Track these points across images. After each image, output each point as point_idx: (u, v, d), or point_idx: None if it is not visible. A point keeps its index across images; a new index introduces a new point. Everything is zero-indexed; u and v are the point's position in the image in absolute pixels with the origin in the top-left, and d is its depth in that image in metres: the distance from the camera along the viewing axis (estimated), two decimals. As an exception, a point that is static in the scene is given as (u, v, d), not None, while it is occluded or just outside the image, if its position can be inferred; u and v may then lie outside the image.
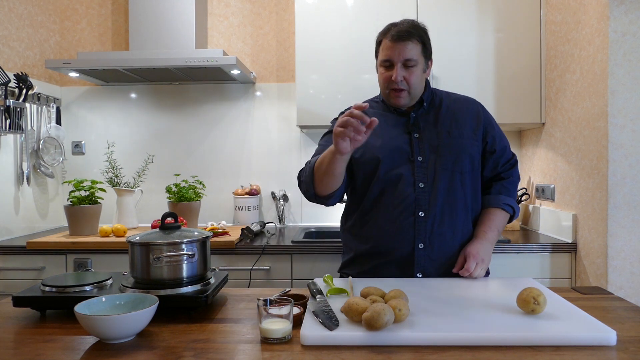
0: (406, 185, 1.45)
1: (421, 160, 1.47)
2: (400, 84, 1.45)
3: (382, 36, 1.49)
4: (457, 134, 1.50)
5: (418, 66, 1.46)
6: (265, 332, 0.97)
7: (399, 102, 1.49)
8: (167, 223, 1.26)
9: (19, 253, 2.22)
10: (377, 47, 1.53)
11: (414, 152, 1.47)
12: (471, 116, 1.55)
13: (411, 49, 1.43)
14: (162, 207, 2.80)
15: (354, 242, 1.55)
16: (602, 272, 1.88)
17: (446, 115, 1.53)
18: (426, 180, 1.45)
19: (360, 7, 2.41)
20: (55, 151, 2.65)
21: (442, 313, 1.06)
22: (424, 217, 1.44)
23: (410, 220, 1.44)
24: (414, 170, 1.46)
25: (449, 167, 1.46)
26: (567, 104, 2.17)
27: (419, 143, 1.49)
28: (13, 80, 2.35)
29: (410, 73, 1.45)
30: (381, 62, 1.48)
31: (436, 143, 1.48)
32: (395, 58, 1.44)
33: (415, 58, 1.44)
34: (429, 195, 1.44)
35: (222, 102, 2.83)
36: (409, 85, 1.46)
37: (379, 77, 1.52)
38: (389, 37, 1.44)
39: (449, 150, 1.47)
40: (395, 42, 1.43)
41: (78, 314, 0.97)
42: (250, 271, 2.17)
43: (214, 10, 2.81)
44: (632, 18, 1.81)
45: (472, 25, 2.40)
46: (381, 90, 1.55)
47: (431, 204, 1.44)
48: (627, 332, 1.00)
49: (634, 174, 1.83)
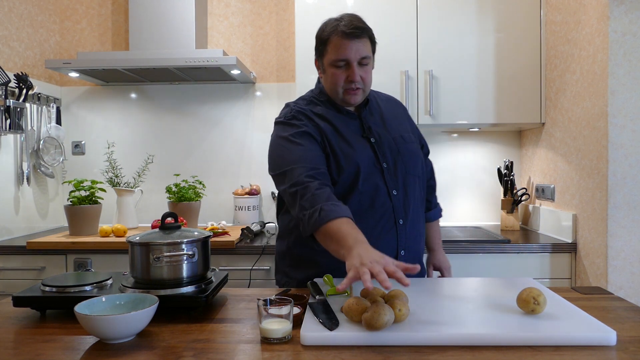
0: (382, 194, 1.39)
1: (386, 167, 1.42)
2: (358, 84, 1.37)
3: (330, 33, 1.36)
4: (408, 138, 1.49)
5: (370, 63, 1.41)
6: (265, 332, 0.97)
7: (354, 100, 1.41)
8: (167, 223, 1.26)
9: (19, 253, 2.22)
10: (322, 46, 1.40)
11: (379, 158, 1.42)
12: (405, 119, 1.57)
13: (365, 46, 1.36)
14: (162, 207, 2.80)
15: (327, 257, 1.26)
16: (602, 272, 1.88)
17: (388, 118, 1.51)
18: (397, 187, 1.42)
19: (360, 7, 2.41)
20: (55, 151, 2.65)
21: (442, 313, 1.06)
22: (403, 224, 1.41)
23: (393, 230, 1.40)
24: (384, 177, 1.40)
25: (410, 171, 1.45)
26: (567, 104, 2.17)
27: (379, 148, 1.43)
28: (13, 80, 2.35)
29: (365, 71, 1.39)
30: (334, 61, 1.36)
31: (395, 148, 1.44)
32: (352, 57, 1.34)
33: (370, 55, 1.39)
34: (402, 202, 1.42)
35: (222, 102, 2.83)
36: (365, 83, 1.39)
37: (327, 77, 1.41)
38: (341, 35, 1.34)
39: (408, 156, 1.45)
40: (350, 40, 1.33)
41: (78, 314, 0.97)
42: (250, 271, 2.17)
43: (214, 10, 2.82)
44: (632, 18, 1.81)
45: (472, 25, 2.40)
46: (330, 90, 1.42)
47: (406, 210, 1.42)
48: (627, 332, 1.00)
49: (634, 174, 1.83)
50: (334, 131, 1.41)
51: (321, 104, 1.47)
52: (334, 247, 1.18)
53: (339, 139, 1.40)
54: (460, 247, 2.12)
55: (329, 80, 1.41)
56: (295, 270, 1.47)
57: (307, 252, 1.42)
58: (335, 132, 1.41)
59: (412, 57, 2.41)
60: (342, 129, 1.42)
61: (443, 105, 2.41)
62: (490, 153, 2.78)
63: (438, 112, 2.41)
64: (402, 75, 2.40)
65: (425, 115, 2.40)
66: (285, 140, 1.38)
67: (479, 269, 2.13)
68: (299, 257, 1.46)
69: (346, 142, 1.40)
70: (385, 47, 2.40)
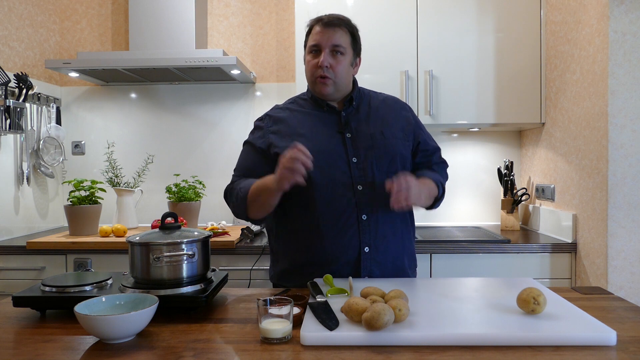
0: (346, 189, 1.40)
1: (356, 162, 1.42)
2: (325, 71, 1.41)
3: (311, 24, 1.46)
4: (389, 134, 1.47)
5: (346, 56, 1.43)
6: (265, 332, 0.97)
7: (324, 91, 1.44)
8: (167, 223, 1.26)
9: (19, 253, 2.22)
10: (306, 37, 1.48)
11: (348, 152, 1.42)
12: (401, 117, 1.55)
13: (341, 36, 1.42)
14: (162, 207, 2.80)
15: (290, 252, 1.46)
16: (602, 272, 1.88)
17: (376, 115, 1.51)
18: (364, 182, 1.41)
19: (360, 7, 2.41)
20: (55, 151, 2.64)
21: (442, 313, 1.06)
22: (367, 220, 1.39)
23: (355, 226, 1.39)
24: (350, 172, 1.41)
25: (384, 168, 1.43)
26: (567, 104, 2.17)
27: (352, 143, 1.44)
28: (13, 80, 2.35)
29: (337, 61, 1.42)
30: (309, 47, 1.45)
31: (370, 143, 1.44)
32: (324, 43, 1.41)
33: (344, 46, 1.42)
34: (368, 198, 1.40)
35: (222, 102, 2.83)
36: (335, 73, 1.42)
37: (305, 67, 1.48)
38: (319, 24, 1.43)
39: (384, 151, 1.44)
40: (325, 28, 1.41)
41: (78, 314, 0.97)
42: (250, 271, 2.17)
43: (214, 10, 2.81)
44: (632, 18, 1.81)
45: (472, 25, 2.40)
46: (307, 79, 1.49)
47: (372, 206, 1.40)
48: (627, 332, 1.00)
49: (634, 174, 1.83)
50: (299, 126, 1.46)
51: (303, 101, 1.55)
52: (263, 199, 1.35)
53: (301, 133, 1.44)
54: (460, 247, 2.12)
55: (306, 69, 1.49)
56: (276, 264, 1.53)
57: (280, 246, 1.50)
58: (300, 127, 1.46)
59: (412, 57, 2.41)
60: (314, 124, 1.47)
61: (443, 105, 2.41)
62: (490, 153, 2.78)
63: (438, 112, 2.41)
64: (402, 75, 2.40)
65: (425, 115, 2.40)
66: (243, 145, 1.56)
67: (479, 269, 2.13)
68: (276, 251, 1.53)
69: (311, 136, 1.43)
70: (385, 47, 2.40)
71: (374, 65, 2.41)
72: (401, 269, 1.48)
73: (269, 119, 1.53)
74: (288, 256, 1.48)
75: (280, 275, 1.50)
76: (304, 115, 1.50)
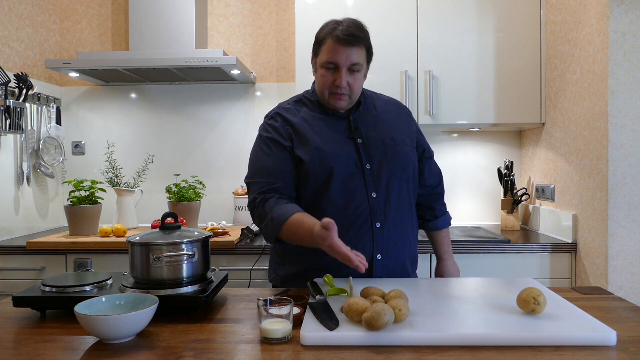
0: (360, 196, 1.38)
1: (369, 169, 1.40)
2: (343, 90, 1.38)
3: (326, 35, 1.38)
4: (399, 140, 1.46)
5: (362, 71, 1.40)
6: (265, 332, 0.97)
7: (339, 105, 1.42)
8: (167, 223, 1.26)
9: (19, 253, 2.22)
10: (317, 46, 1.42)
11: (362, 159, 1.41)
12: (405, 122, 1.54)
13: (357, 54, 1.36)
14: (162, 207, 2.80)
15: (300, 257, 1.42)
16: (602, 272, 1.88)
17: (384, 120, 1.50)
18: (378, 189, 1.40)
19: (360, 7, 2.41)
20: (55, 151, 2.64)
21: (442, 313, 1.06)
22: (380, 227, 1.39)
23: (369, 233, 1.38)
24: (365, 179, 1.39)
25: (397, 174, 1.42)
26: (567, 104, 2.17)
27: (365, 150, 1.42)
28: (13, 80, 2.35)
29: (354, 79, 1.39)
30: (324, 63, 1.38)
31: (383, 150, 1.42)
32: (342, 62, 1.36)
33: (361, 63, 1.38)
34: (382, 205, 1.40)
35: (222, 102, 2.83)
36: (352, 90, 1.39)
37: (317, 78, 1.43)
38: (335, 39, 1.35)
39: (396, 159, 1.43)
40: (342, 46, 1.34)
41: (78, 314, 0.97)
42: (250, 271, 2.17)
43: (214, 10, 2.81)
44: (632, 18, 1.81)
45: (472, 25, 2.40)
46: (319, 91, 1.44)
47: (386, 214, 1.40)
48: (627, 332, 1.00)
49: (634, 174, 1.83)
50: (312, 131, 1.42)
51: (310, 103, 1.50)
52: (298, 240, 1.30)
53: (316, 139, 1.40)
54: (460, 247, 2.12)
55: (318, 81, 1.44)
56: (281, 267, 1.51)
57: (290, 250, 1.45)
58: (313, 133, 1.42)
59: (412, 57, 2.41)
60: (325, 130, 1.43)
61: (443, 105, 2.41)
62: (490, 153, 2.78)
63: (438, 112, 2.41)
64: (402, 75, 2.40)
65: (425, 115, 2.40)
66: (257, 145, 1.46)
67: (479, 269, 2.13)
68: (283, 254, 1.49)
69: (325, 142, 1.40)
70: (385, 47, 2.40)
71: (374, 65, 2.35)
72: (406, 273, 1.49)
73: (281, 120, 1.46)
74: (297, 261, 1.45)
75: (284, 279, 1.48)
76: (313, 120, 1.45)
